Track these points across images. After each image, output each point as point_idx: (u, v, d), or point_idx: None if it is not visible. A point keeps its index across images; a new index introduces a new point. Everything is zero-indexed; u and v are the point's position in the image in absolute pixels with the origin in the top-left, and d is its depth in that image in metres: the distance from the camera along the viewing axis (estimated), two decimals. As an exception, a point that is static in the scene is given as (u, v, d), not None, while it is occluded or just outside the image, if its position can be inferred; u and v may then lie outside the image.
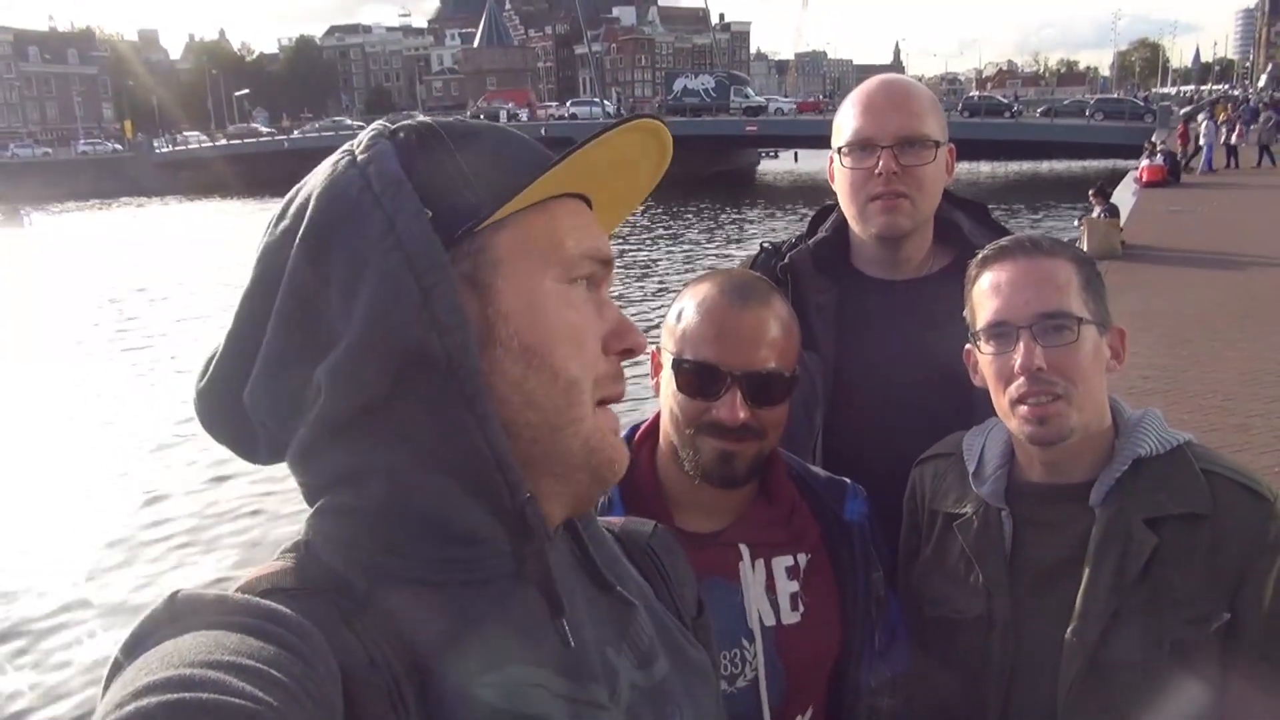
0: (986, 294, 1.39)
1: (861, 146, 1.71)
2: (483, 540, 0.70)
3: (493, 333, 0.71)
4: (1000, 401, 1.39)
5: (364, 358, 0.67)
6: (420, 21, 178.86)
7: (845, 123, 1.75)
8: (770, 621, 1.36)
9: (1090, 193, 15.67)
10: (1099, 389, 1.37)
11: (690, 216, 34.39)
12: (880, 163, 1.68)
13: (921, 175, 1.69)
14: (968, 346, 1.46)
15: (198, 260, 25.75)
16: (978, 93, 74.90)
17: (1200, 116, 29.46)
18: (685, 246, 26.77)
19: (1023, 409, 1.34)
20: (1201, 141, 26.50)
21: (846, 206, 1.78)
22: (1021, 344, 1.33)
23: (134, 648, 0.57)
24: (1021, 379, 1.33)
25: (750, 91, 67.08)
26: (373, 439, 0.69)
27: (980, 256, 1.44)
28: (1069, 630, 1.32)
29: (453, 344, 0.68)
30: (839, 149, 1.75)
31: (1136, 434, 1.37)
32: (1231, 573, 1.28)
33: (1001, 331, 1.36)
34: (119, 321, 18.77)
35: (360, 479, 0.69)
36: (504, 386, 0.71)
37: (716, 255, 24.22)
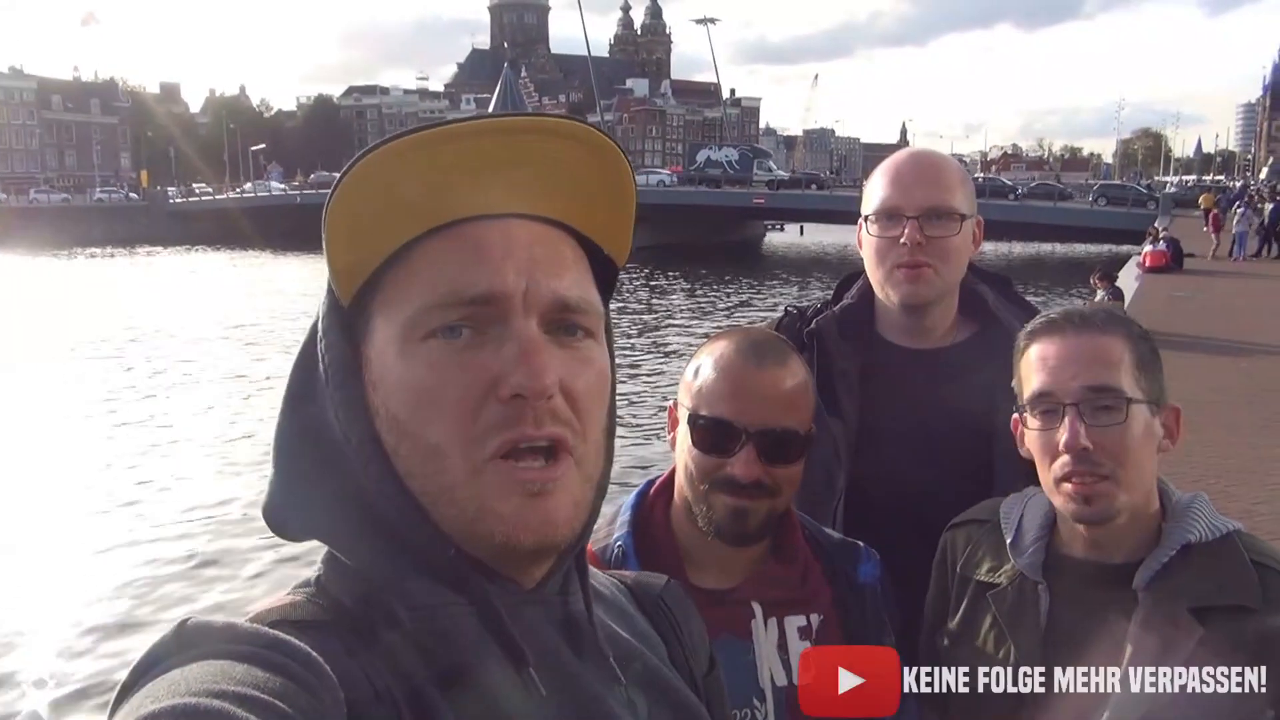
0: (1034, 366, 1.36)
1: (888, 215, 1.73)
2: (438, 592, 0.70)
3: (369, 405, 0.70)
4: (1045, 476, 1.35)
5: (282, 436, 0.74)
6: (437, 85, 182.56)
7: (874, 192, 1.77)
8: (782, 681, 1.35)
9: (1094, 277, 15.75)
10: (1148, 470, 1.33)
11: (700, 285, 34.70)
12: (905, 233, 1.69)
13: (946, 246, 1.71)
14: (1015, 417, 1.44)
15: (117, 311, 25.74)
16: (982, 175, 75.92)
17: (1236, 205, 30.19)
18: (695, 311, 27.03)
19: (1067, 487, 1.31)
20: (1235, 228, 26.95)
21: (872, 273, 1.80)
22: (1067, 421, 1.30)
23: (141, 675, 0.57)
24: (1066, 457, 1.30)
25: (772, 165, 67.93)
26: (312, 508, 0.72)
27: (1030, 329, 1.41)
28: (1104, 716, 1.25)
29: (343, 417, 0.70)
30: (866, 217, 1.78)
31: (1186, 519, 1.33)
32: (1278, 672, 1.21)
33: (1047, 406, 1.33)
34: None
35: (324, 538, 0.73)
36: (392, 459, 0.70)
37: (727, 323, 24.37)
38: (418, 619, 0.68)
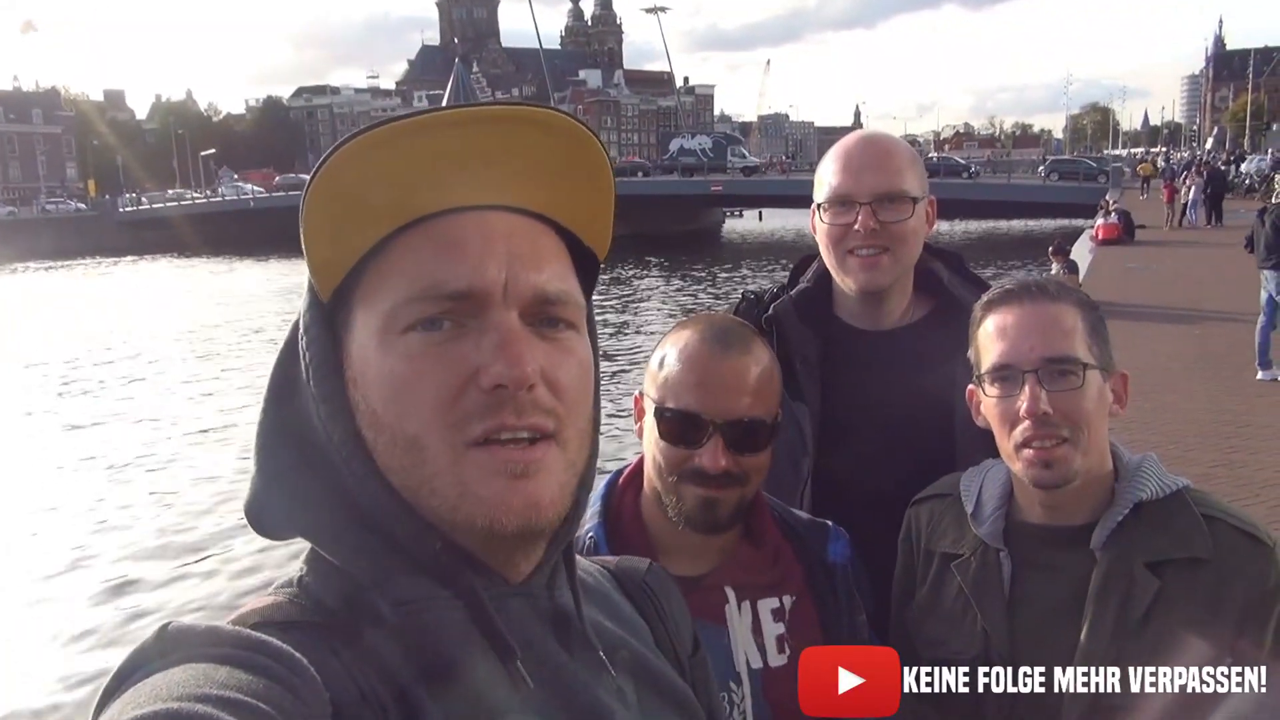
0: (992, 337, 1.40)
1: (840, 203, 1.72)
2: (423, 588, 0.69)
3: (349, 400, 0.70)
4: (1004, 444, 1.39)
5: (263, 433, 0.73)
6: (388, 83, 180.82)
7: (825, 178, 1.77)
8: (757, 664, 1.36)
9: (1050, 250, 16.00)
10: (1102, 433, 1.38)
11: (660, 274, 34.73)
12: (859, 219, 1.69)
13: (900, 230, 1.71)
14: (970, 387, 1.47)
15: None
16: (936, 154, 76.55)
17: (1184, 174, 30.94)
18: (656, 301, 27.07)
19: (1028, 452, 1.34)
20: (1190, 197, 27.55)
21: (827, 259, 1.80)
22: (1027, 388, 1.34)
23: (123, 680, 0.56)
24: (1027, 423, 1.33)
25: (745, 151, 67.92)
26: (294, 506, 0.71)
27: (985, 300, 1.45)
28: None
29: (324, 414, 0.70)
30: (819, 204, 1.77)
31: (1137, 478, 1.38)
32: (1233, 618, 1.27)
33: (1007, 375, 1.37)
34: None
35: (306, 535, 0.72)
36: (373, 454, 0.69)
37: (690, 308, 24.43)
38: (403, 615, 0.68)
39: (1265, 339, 9.70)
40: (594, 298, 0.79)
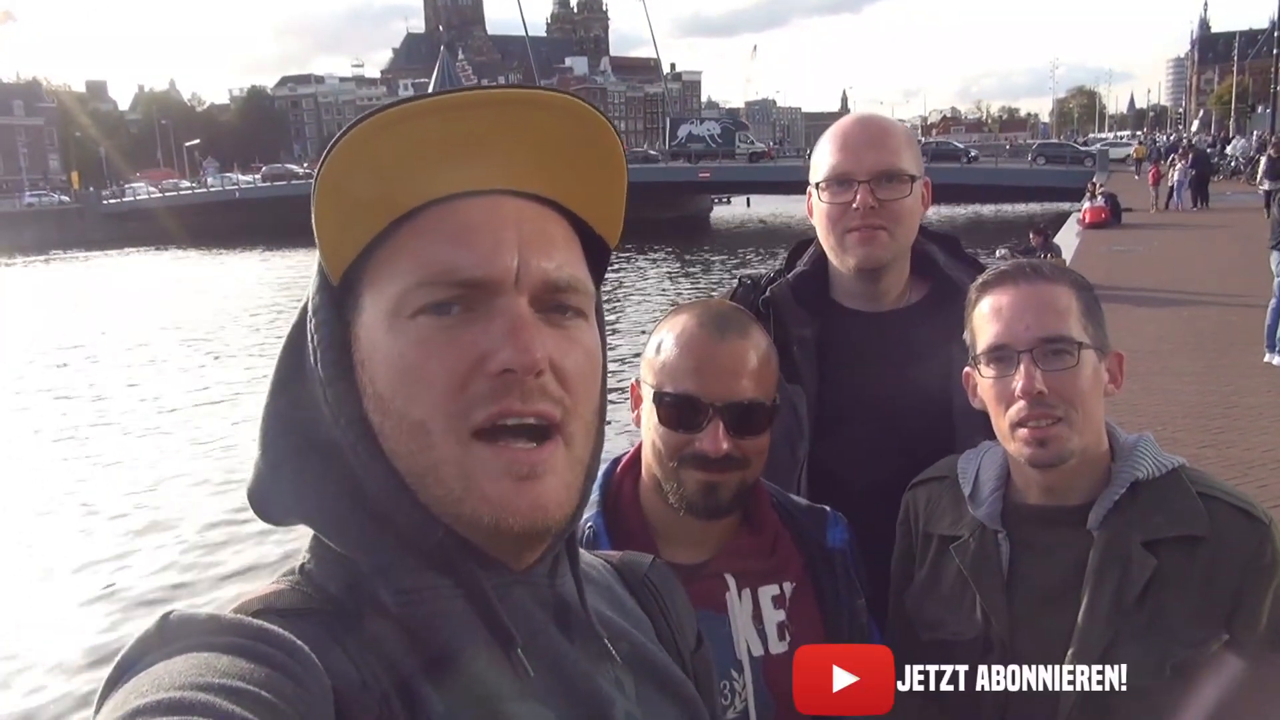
0: (987, 318, 1.40)
1: (839, 181, 1.73)
2: (425, 576, 0.69)
3: (358, 383, 0.70)
4: (1000, 424, 1.40)
5: (268, 419, 0.73)
6: (373, 72, 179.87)
7: (823, 159, 1.77)
8: (758, 651, 1.36)
9: (1031, 233, 16.09)
10: (1097, 413, 1.38)
11: (651, 261, 34.68)
12: (858, 197, 1.70)
13: (898, 209, 1.71)
14: (966, 369, 1.48)
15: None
16: (927, 138, 76.43)
17: (1171, 156, 31.03)
18: (649, 288, 27.04)
19: (1023, 432, 1.35)
20: (1177, 179, 27.69)
21: (825, 239, 1.79)
22: (1022, 368, 1.34)
23: (125, 670, 0.56)
24: (1022, 402, 1.34)
25: (752, 138, 67.74)
26: (299, 491, 0.71)
27: (981, 281, 1.45)
28: (1068, 653, 1.31)
29: (331, 397, 0.70)
30: (817, 184, 1.77)
31: (1133, 457, 1.39)
32: (1228, 595, 1.29)
33: (1002, 355, 1.37)
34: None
35: (310, 522, 0.72)
36: (379, 438, 0.69)
37: (683, 296, 24.42)
38: (405, 603, 0.68)
39: (1274, 321, 9.45)
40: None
